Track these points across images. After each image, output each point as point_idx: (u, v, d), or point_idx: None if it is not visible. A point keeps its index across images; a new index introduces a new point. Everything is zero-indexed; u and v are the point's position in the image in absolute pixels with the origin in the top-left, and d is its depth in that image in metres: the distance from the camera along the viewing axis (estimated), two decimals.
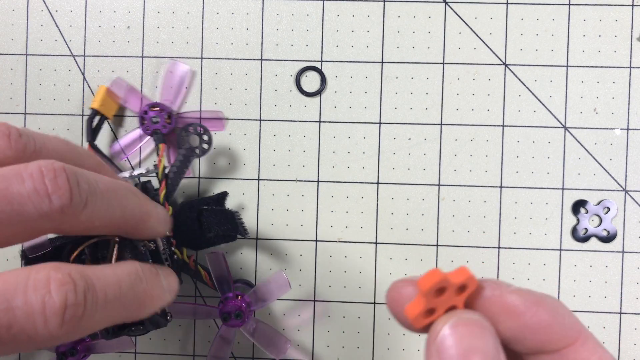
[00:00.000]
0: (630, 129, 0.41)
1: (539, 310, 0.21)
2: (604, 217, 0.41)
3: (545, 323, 0.21)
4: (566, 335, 0.21)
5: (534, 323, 0.21)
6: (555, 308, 0.21)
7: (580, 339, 0.21)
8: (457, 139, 0.42)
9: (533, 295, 0.21)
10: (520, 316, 0.21)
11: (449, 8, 0.42)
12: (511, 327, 0.21)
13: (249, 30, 0.42)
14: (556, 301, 0.22)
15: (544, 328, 0.21)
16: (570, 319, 0.21)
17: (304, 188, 0.42)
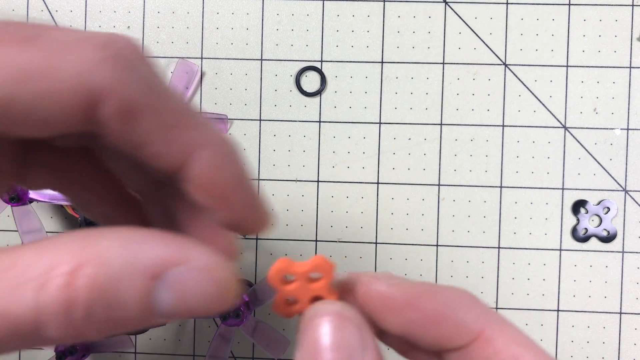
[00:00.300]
0: (630, 129, 0.41)
1: (421, 305, 0.19)
2: (604, 217, 0.41)
3: (431, 317, 0.19)
4: (463, 331, 0.19)
5: (418, 318, 0.19)
6: (446, 301, 0.19)
7: (483, 336, 0.19)
8: (457, 139, 0.42)
9: (417, 288, 0.19)
10: (400, 311, 0.19)
11: (449, 8, 0.42)
12: (396, 323, 0.19)
13: (249, 30, 0.42)
14: (453, 293, 0.20)
15: (431, 322, 0.19)
16: (470, 313, 0.19)
17: (304, 188, 0.42)
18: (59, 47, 0.16)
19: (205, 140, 0.18)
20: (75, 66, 0.16)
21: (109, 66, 0.16)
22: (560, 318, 0.41)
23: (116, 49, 0.16)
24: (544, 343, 0.41)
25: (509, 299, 0.42)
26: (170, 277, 0.16)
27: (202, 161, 0.17)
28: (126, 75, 0.16)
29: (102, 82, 0.16)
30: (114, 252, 0.16)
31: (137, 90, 0.16)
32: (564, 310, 0.41)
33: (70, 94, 0.16)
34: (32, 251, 0.16)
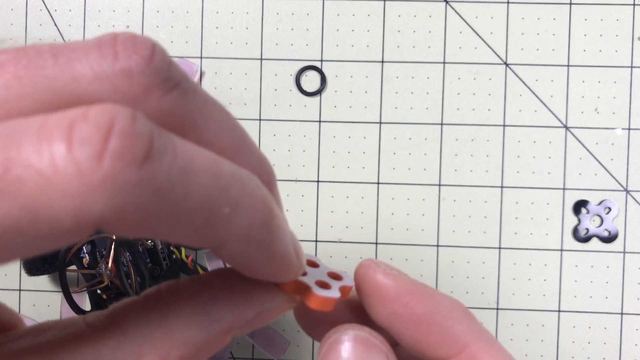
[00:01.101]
0: (631, 129, 0.41)
1: (412, 301, 0.19)
2: (605, 218, 0.41)
3: (419, 317, 0.19)
4: (448, 341, 0.19)
5: (405, 315, 0.19)
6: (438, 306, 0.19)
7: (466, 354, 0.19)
8: (458, 138, 0.41)
9: (412, 285, 0.19)
10: (389, 303, 0.19)
11: (450, 7, 0.41)
12: (382, 314, 0.19)
13: (248, 29, 0.42)
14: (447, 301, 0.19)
15: (417, 323, 0.19)
16: (460, 325, 0.19)
17: (304, 188, 0.42)
18: (37, 187, 0.13)
19: (233, 234, 0.15)
20: (64, 207, 0.13)
21: (106, 193, 0.13)
22: (561, 318, 0.41)
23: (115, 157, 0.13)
24: (545, 344, 0.41)
25: (510, 300, 0.41)
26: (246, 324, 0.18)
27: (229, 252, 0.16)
28: (130, 197, 0.13)
29: (102, 212, 0.13)
30: (194, 330, 0.17)
31: (146, 210, 0.14)
32: (565, 310, 0.41)
33: (66, 232, 0.13)
34: (114, 340, 0.16)
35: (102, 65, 0.15)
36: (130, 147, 0.13)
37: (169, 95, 0.16)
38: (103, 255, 0.28)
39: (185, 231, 0.15)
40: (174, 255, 0.35)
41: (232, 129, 0.17)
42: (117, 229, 0.14)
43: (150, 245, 0.30)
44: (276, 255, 0.17)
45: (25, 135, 0.13)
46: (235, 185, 0.15)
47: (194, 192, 0.14)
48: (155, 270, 0.36)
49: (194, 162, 0.14)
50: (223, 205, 0.15)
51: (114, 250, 0.28)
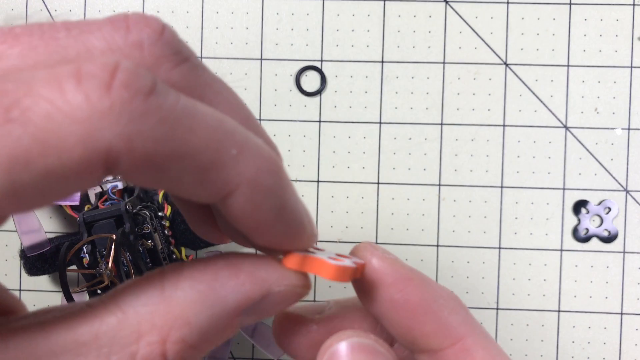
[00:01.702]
0: (631, 129, 0.41)
1: (409, 287, 0.19)
2: (605, 218, 0.41)
3: (414, 305, 0.18)
4: (443, 332, 0.18)
5: (401, 300, 0.18)
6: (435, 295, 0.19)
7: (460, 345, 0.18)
8: (458, 138, 0.41)
9: (409, 271, 0.19)
10: (386, 288, 0.19)
11: (450, 7, 0.41)
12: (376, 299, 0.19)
13: (248, 29, 0.42)
14: (443, 291, 0.19)
15: (413, 311, 0.18)
16: (455, 316, 0.19)
17: (304, 188, 0.42)
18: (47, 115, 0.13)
19: (241, 178, 0.15)
20: (74, 133, 0.13)
21: (114, 119, 0.13)
22: (561, 318, 0.41)
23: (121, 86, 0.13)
24: (545, 344, 0.41)
25: (510, 300, 0.41)
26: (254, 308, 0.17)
27: (238, 203, 0.16)
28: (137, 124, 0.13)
29: (110, 141, 0.13)
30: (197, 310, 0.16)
31: (153, 140, 0.14)
32: (565, 310, 0.41)
33: (77, 166, 0.13)
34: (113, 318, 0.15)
35: (114, 37, 0.15)
36: (136, 81, 0.14)
37: (178, 68, 0.16)
38: (103, 255, 0.28)
39: (193, 171, 0.15)
40: (174, 256, 0.35)
41: (239, 108, 0.18)
42: (126, 164, 0.14)
43: (150, 246, 0.30)
44: (287, 209, 0.17)
45: (36, 76, 0.13)
46: (241, 132, 0.15)
47: (200, 128, 0.14)
48: None
49: (197, 106, 0.15)
50: (230, 146, 0.15)
51: (114, 250, 0.28)
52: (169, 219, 0.36)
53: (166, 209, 0.35)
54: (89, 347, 0.15)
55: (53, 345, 0.15)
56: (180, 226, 0.37)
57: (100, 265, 0.31)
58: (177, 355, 0.16)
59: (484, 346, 0.19)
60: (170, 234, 0.34)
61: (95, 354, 0.15)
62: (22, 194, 0.13)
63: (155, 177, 0.14)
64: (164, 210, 0.36)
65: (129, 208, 0.32)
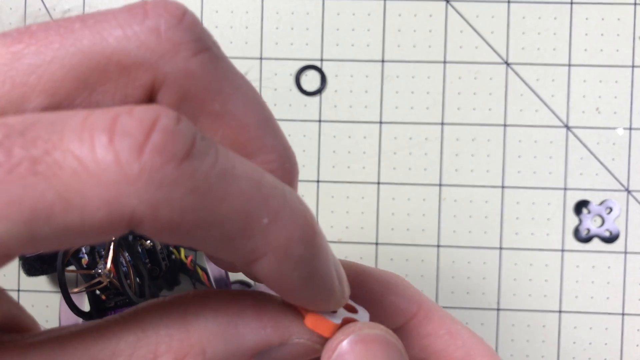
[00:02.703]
0: (632, 129, 0.41)
1: (362, 282, 0.19)
2: (607, 218, 0.41)
3: (372, 295, 0.19)
4: (402, 308, 0.19)
5: (359, 296, 0.19)
6: (383, 280, 0.19)
7: (421, 312, 0.19)
8: (459, 138, 0.41)
9: (354, 267, 0.19)
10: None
11: (450, 7, 0.41)
12: None
13: (248, 28, 0.42)
14: (386, 273, 0.20)
15: (372, 301, 0.19)
16: (406, 292, 0.19)
17: (304, 188, 0.42)
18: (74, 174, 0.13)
19: (268, 247, 0.15)
20: (98, 196, 0.13)
21: (142, 187, 0.13)
22: (562, 319, 0.41)
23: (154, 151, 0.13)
24: (546, 344, 0.41)
25: (511, 300, 0.41)
26: (268, 353, 0.17)
27: (264, 270, 0.15)
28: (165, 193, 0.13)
29: (135, 207, 0.13)
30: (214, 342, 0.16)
31: (181, 209, 0.13)
32: (566, 311, 0.41)
33: (98, 226, 0.13)
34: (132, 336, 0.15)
35: (131, 23, 0.15)
36: (172, 144, 0.13)
37: (198, 57, 0.15)
38: (102, 256, 0.28)
39: (220, 239, 0.14)
40: (173, 256, 0.35)
41: (259, 107, 0.17)
42: (150, 229, 0.13)
43: (149, 246, 0.30)
44: (316, 277, 0.16)
45: (68, 124, 0.13)
46: (277, 196, 0.15)
47: (232, 197, 0.14)
48: (155, 271, 0.35)
49: (235, 168, 0.14)
50: (262, 215, 0.14)
51: (113, 251, 0.28)
52: None
53: None
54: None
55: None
56: None
57: (98, 265, 0.31)
58: None
59: (436, 310, 0.20)
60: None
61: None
62: (38, 243, 0.13)
63: (179, 240, 0.14)
64: None
65: None
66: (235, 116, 0.16)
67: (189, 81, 0.15)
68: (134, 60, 0.15)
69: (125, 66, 0.15)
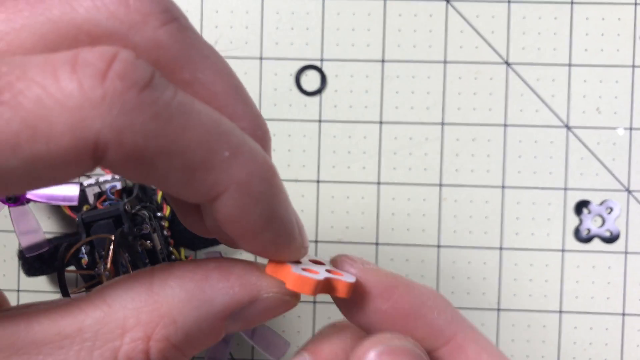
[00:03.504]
0: (633, 129, 0.41)
1: (396, 295, 0.18)
2: (607, 218, 0.41)
3: (405, 312, 0.18)
4: (436, 332, 0.18)
5: (390, 311, 0.18)
6: (422, 298, 0.18)
7: (454, 342, 0.18)
8: (459, 138, 0.41)
9: (392, 279, 0.18)
10: (372, 300, 0.18)
11: (451, 6, 0.41)
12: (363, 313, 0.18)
13: (248, 28, 0.42)
14: (429, 291, 0.19)
15: (403, 319, 0.18)
16: (444, 314, 0.18)
17: (304, 188, 0.42)
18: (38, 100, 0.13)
19: (231, 181, 0.15)
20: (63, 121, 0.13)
21: (105, 110, 0.13)
22: (562, 319, 0.41)
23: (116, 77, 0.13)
24: (547, 345, 0.41)
25: (511, 300, 0.41)
26: (241, 314, 0.17)
27: (225, 206, 0.15)
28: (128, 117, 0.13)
29: (99, 131, 0.13)
30: (184, 309, 0.16)
31: (143, 135, 0.13)
32: (567, 311, 0.41)
33: (64, 154, 0.13)
34: (99, 311, 0.15)
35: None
36: (133, 72, 0.13)
37: (166, 27, 0.16)
38: (102, 256, 0.28)
39: (182, 171, 0.14)
40: (173, 256, 0.35)
41: (229, 75, 0.17)
42: (114, 156, 0.13)
43: (149, 246, 0.30)
44: (276, 219, 0.17)
45: (31, 61, 0.13)
46: (237, 134, 0.15)
47: (193, 127, 0.14)
48: None
49: (195, 103, 0.14)
50: (222, 147, 0.15)
51: (112, 251, 0.28)
52: (168, 219, 0.36)
53: (165, 209, 0.35)
54: (71, 340, 0.15)
55: (35, 336, 0.15)
56: (179, 226, 0.36)
57: (98, 265, 0.31)
58: (160, 353, 0.15)
59: (476, 340, 0.19)
60: (169, 234, 0.34)
61: (78, 347, 0.15)
62: (7, 179, 0.13)
63: (142, 171, 0.14)
64: (163, 210, 0.36)
65: (127, 208, 0.32)
66: (205, 84, 0.16)
67: (158, 51, 0.16)
68: (103, 30, 0.15)
69: (95, 36, 0.15)
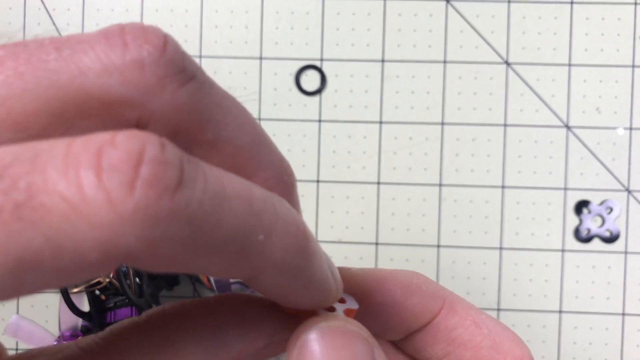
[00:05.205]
0: (633, 129, 0.41)
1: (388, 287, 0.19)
2: (607, 218, 0.41)
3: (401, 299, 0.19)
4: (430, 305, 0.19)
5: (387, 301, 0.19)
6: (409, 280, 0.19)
7: (446, 305, 0.19)
8: (459, 138, 0.41)
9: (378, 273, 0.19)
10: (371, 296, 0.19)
11: (451, 6, 0.41)
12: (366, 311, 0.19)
13: (248, 28, 0.42)
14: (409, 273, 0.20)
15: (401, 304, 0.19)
16: (428, 288, 0.19)
17: (304, 188, 0.41)
18: (63, 217, 0.12)
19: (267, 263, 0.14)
20: (92, 239, 0.12)
21: (138, 225, 0.12)
22: (562, 319, 0.41)
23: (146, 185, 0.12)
24: (546, 344, 0.41)
25: (511, 300, 0.41)
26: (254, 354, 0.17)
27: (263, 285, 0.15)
28: (162, 228, 0.12)
29: (131, 246, 0.12)
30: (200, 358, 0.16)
31: (178, 242, 0.12)
32: (567, 311, 0.41)
33: (91, 267, 0.12)
34: None
35: (110, 57, 0.14)
36: (163, 176, 0.12)
37: (184, 88, 0.14)
38: None
39: (220, 263, 0.13)
40: None
41: (250, 126, 0.16)
42: (147, 264, 0.12)
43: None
44: (314, 282, 0.16)
45: (49, 160, 0.12)
46: (268, 210, 0.14)
47: (227, 219, 0.13)
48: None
49: (226, 188, 0.13)
50: (257, 231, 0.14)
51: None
52: None
53: None
54: None
55: None
56: None
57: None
58: None
59: (459, 300, 0.20)
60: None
61: None
62: (27, 289, 0.12)
63: (177, 270, 0.13)
64: None
65: None
66: (228, 141, 0.16)
67: (178, 114, 0.15)
68: (116, 97, 0.14)
69: (108, 103, 0.14)
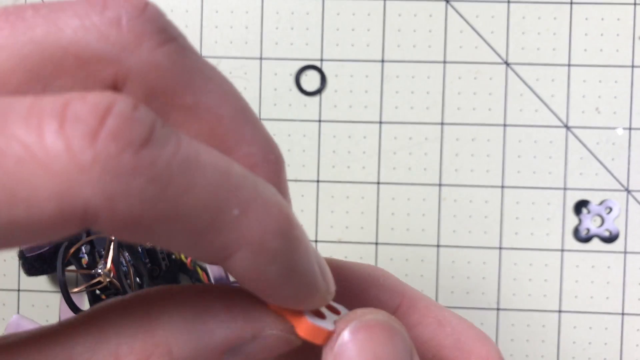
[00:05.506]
0: (632, 129, 0.41)
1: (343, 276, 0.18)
2: (606, 218, 0.41)
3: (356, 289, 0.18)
4: (388, 298, 0.18)
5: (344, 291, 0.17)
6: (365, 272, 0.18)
7: (405, 302, 0.18)
8: (459, 138, 0.41)
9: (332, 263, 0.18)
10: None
11: (450, 6, 0.41)
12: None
13: (248, 28, 0.42)
14: (366, 266, 0.19)
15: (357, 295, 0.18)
16: (387, 283, 0.18)
17: (304, 188, 0.42)
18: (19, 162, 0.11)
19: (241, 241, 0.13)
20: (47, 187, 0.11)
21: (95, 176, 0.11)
22: (562, 319, 0.41)
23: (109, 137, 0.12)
24: (546, 344, 0.41)
25: (511, 300, 0.41)
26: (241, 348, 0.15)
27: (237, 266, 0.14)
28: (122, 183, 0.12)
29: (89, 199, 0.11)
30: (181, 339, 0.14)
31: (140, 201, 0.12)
32: (566, 311, 0.41)
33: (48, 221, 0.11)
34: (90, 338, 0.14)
35: (89, 14, 0.14)
36: (128, 130, 0.12)
37: (163, 48, 0.14)
38: (102, 256, 0.28)
39: (185, 235, 0.13)
40: (173, 256, 0.35)
41: (235, 97, 0.16)
42: (107, 224, 0.12)
43: (149, 245, 0.30)
44: (296, 272, 0.15)
45: (14, 108, 0.12)
46: (247, 186, 0.13)
47: (198, 186, 0.12)
48: (155, 271, 0.36)
49: (200, 156, 0.13)
50: (231, 206, 0.13)
51: (113, 251, 0.28)
52: None
53: None
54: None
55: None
56: None
57: (99, 265, 0.31)
58: None
59: (420, 297, 0.19)
60: None
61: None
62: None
63: (139, 236, 0.13)
64: None
65: None
66: (209, 109, 0.15)
67: (156, 74, 0.14)
68: (93, 53, 0.14)
69: (84, 59, 0.14)
